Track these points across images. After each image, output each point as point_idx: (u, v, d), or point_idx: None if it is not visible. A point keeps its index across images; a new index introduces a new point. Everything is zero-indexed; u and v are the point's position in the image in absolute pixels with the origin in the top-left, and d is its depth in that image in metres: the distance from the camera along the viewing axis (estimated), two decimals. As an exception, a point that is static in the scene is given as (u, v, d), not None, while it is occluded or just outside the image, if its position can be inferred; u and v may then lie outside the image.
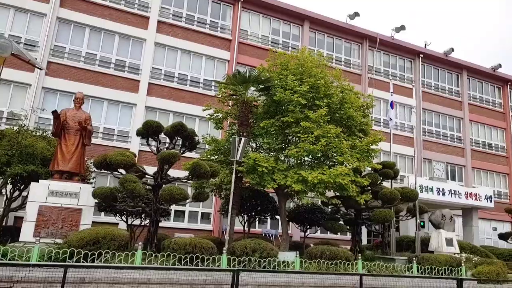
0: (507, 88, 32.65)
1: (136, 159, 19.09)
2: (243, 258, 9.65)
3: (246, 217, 16.78)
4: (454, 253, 15.36)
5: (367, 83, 27.00)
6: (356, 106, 13.75)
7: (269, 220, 22.51)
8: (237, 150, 10.92)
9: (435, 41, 68.33)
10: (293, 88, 12.80)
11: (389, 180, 15.23)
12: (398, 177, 25.41)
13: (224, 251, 9.31)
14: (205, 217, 21.07)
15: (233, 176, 11.15)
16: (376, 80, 27.26)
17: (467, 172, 29.16)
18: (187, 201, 11.30)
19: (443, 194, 21.65)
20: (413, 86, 28.48)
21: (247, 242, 10.24)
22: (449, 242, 15.52)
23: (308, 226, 18.00)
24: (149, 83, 20.97)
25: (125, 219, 12.98)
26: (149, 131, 12.16)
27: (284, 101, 12.88)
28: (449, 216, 15.90)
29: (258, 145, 14.51)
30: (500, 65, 31.53)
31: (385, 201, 13.56)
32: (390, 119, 15.66)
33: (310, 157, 12.89)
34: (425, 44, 29.51)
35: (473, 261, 14.72)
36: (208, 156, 14.25)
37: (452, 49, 29.72)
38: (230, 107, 14.84)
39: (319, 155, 12.75)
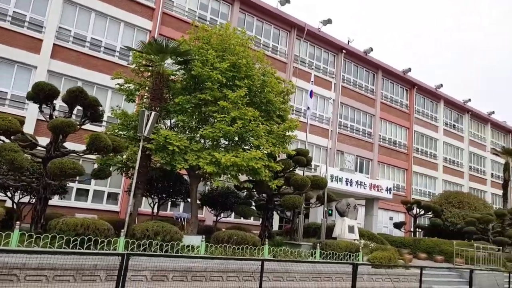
0: (414, 91, 35.45)
1: (33, 128, 17.18)
2: (144, 241, 8.97)
3: (156, 199, 15.96)
4: (355, 240, 16.19)
5: (292, 72, 27.31)
6: (276, 91, 13.60)
7: (182, 203, 21.84)
8: (146, 125, 10.08)
9: (359, 38, 71.85)
10: (213, 64, 12.21)
11: (302, 168, 15.45)
12: (312, 166, 26.30)
13: (122, 234, 8.54)
14: (113, 197, 19.69)
15: (139, 153, 10.31)
16: (301, 70, 27.67)
17: (373, 165, 31.22)
18: (82, 177, 10.19)
19: (351, 185, 22.81)
20: (333, 78, 29.53)
21: (149, 225, 9.55)
22: (351, 229, 16.32)
23: (220, 211, 17.75)
24: (54, 44, 18.71)
25: (10, 195, 11.43)
26: (40, 95, 10.57)
27: (203, 77, 12.24)
28: (353, 205, 16.70)
29: (174, 123, 13.70)
30: (410, 69, 34.05)
31: (296, 188, 13.71)
32: (308, 108, 15.84)
33: (227, 139, 12.46)
34: (348, 41, 30.66)
35: (370, 247, 15.64)
36: (116, 130, 13.11)
37: (371, 49, 31.30)
38: (144, 79, 13.75)
39: (236, 138, 12.37)
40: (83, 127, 11.70)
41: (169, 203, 21.14)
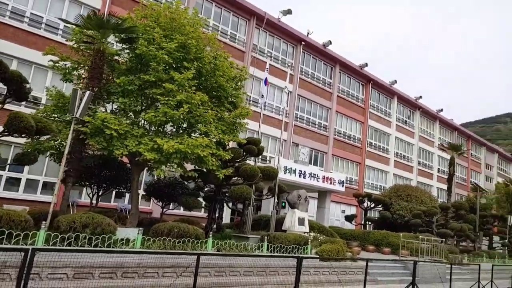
0: (369, 86, 36.02)
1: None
2: (69, 234, 8.08)
3: (95, 189, 14.86)
4: (304, 232, 15.99)
5: (250, 61, 26.69)
6: (228, 76, 12.92)
7: (128, 194, 20.76)
8: (78, 105, 9.09)
9: (318, 31, 72.21)
10: (160, 43, 11.34)
11: (253, 158, 14.96)
12: (267, 158, 25.94)
13: (42, 226, 7.61)
14: (49, 187, 18.23)
15: (69, 136, 9.32)
16: (259, 60, 27.10)
17: (327, 158, 31.42)
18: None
19: (304, 177, 22.69)
20: (291, 69, 29.24)
21: (76, 216, 8.64)
22: (301, 221, 16.09)
23: (167, 202, 16.92)
24: (-12, 18, 16.97)
25: None
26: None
27: (148, 57, 11.34)
28: (304, 196, 16.46)
29: (118, 107, 12.67)
30: (366, 64, 34.50)
31: (246, 178, 13.20)
32: (262, 96, 15.32)
33: (173, 125, 11.68)
34: (308, 33, 30.44)
35: (319, 240, 15.49)
36: (48, 113, 11.93)
37: (330, 42, 31.30)
38: (84, 58, 12.59)
39: (183, 124, 11.62)
40: (12, 109, 10.49)
41: (113, 194, 20.04)
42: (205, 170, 12.55)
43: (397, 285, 14.06)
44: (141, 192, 18.64)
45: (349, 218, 28.23)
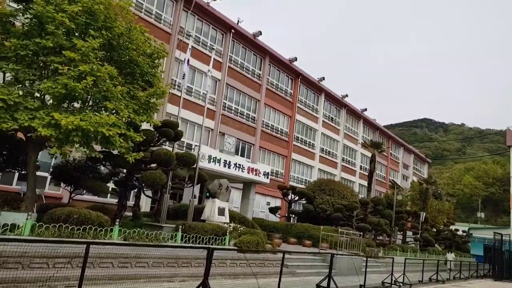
0: (298, 81, 36.42)
1: None
2: None
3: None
4: (224, 223, 15.34)
5: (176, 44, 25.39)
6: (143, 51, 11.74)
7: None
8: None
9: (249, 20, 71.97)
10: (59, 4, 9.87)
11: (171, 142, 13.92)
12: (193, 147, 24.86)
13: None
14: None
15: None
16: (186, 44, 25.82)
17: (254, 150, 31.14)
18: None
19: (229, 167, 22.05)
20: (217, 56, 28.36)
21: None
22: (221, 211, 15.41)
23: (76, 187, 15.26)
24: None
25: None
26: None
27: (46, 19, 9.82)
28: (225, 186, 15.79)
29: (12, 76, 10.89)
30: (296, 58, 34.75)
31: (160, 163, 12.16)
32: (184, 77, 14.29)
33: (76, 100, 10.26)
34: (238, 21, 29.78)
35: (239, 231, 14.92)
36: None
37: (260, 32, 30.94)
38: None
39: (86, 98, 10.27)
40: None
41: (16, 176, 17.81)
42: (114, 152, 11.29)
43: (315, 278, 13.95)
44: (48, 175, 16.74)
45: (273, 210, 28.21)
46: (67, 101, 10.25)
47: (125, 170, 12.73)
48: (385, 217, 29.66)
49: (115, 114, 10.42)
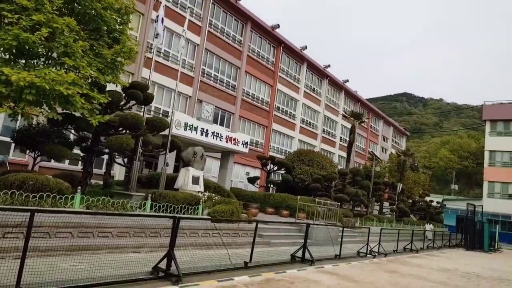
0: (280, 49, 35.36)
1: None
2: None
3: None
4: (198, 192, 14.79)
5: (153, 5, 23.94)
6: (108, 3, 10.66)
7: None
8: None
9: None
10: None
11: (140, 106, 13.05)
12: (169, 115, 23.92)
13: None
14: None
15: None
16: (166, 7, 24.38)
17: (234, 119, 30.39)
18: None
19: (206, 135, 21.34)
20: (196, 20, 27.02)
21: None
22: (195, 180, 14.81)
23: (40, 153, 14.31)
24: None
25: None
26: None
27: (-6, -39, 8.67)
28: (200, 153, 15.13)
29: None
30: (278, 25, 33.56)
31: (127, 127, 11.35)
32: (157, 35, 13.25)
33: (28, 52, 9.25)
34: (218, -17, 28.26)
35: (213, 200, 14.42)
36: None
37: (242, -4, 29.55)
38: None
39: (40, 52, 9.27)
40: None
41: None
42: (75, 114, 10.42)
43: (290, 248, 13.66)
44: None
45: (251, 180, 27.86)
46: (24, 57, 9.24)
47: (91, 135, 11.85)
48: (363, 188, 29.75)
49: (75, 72, 9.46)
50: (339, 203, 22.82)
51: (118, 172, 21.55)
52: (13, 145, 17.62)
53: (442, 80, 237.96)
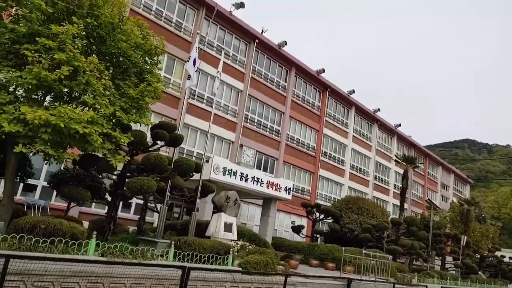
0: (326, 94, 34.60)
1: None
2: None
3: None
4: (232, 240, 13.71)
5: (198, 53, 24.48)
6: (134, 42, 10.57)
7: (40, 186, 17.93)
8: None
9: (273, 31, 71.32)
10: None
11: (170, 147, 12.56)
12: (212, 163, 23.53)
13: None
14: None
15: None
16: (207, 54, 24.99)
17: (278, 164, 29.44)
18: None
19: (246, 180, 20.49)
20: (239, 66, 27.25)
21: None
22: (228, 227, 13.80)
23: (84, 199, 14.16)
24: None
25: None
26: None
27: (24, 3, 8.89)
28: (234, 198, 14.21)
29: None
30: (323, 70, 33.09)
31: (150, 168, 10.80)
32: (189, 78, 13.02)
33: (49, 91, 9.18)
34: (262, 30, 28.67)
35: (247, 250, 13.24)
36: None
37: (286, 43, 29.68)
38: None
39: (61, 91, 9.15)
40: None
41: (21, 186, 17.08)
42: (97, 155, 10.08)
43: (331, 305, 11.96)
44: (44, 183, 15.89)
45: (296, 229, 26.20)
46: (40, 95, 9.18)
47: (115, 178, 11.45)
48: (420, 239, 26.89)
49: (96, 111, 9.20)
50: (391, 256, 20.44)
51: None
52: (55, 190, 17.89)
53: (509, 125, 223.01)
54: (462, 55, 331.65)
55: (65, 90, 9.16)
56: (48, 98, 9.52)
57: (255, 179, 21.04)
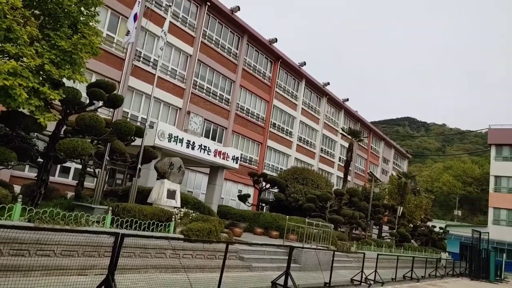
0: (278, 65, 34.32)
1: None
2: None
3: None
4: (174, 207, 13.31)
5: (143, 12, 22.97)
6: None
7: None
8: None
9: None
10: None
11: (109, 109, 11.71)
12: (156, 127, 22.58)
13: None
14: None
15: None
16: (155, 14, 23.49)
17: (227, 134, 29.07)
18: None
19: (193, 148, 19.93)
20: (188, 29, 26.06)
21: None
22: (171, 194, 13.35)
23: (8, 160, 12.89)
24: None
25: None
26: None
27: None
28: (178, 165, 13.71)
29: None
30: (276, 40, 32.62)
31: (84, 129, 9.97)
32: (128, 33, 12.02)
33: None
34: (214, -7, 27.42)
35: (190, 217, 12.93)
36: None
37: (239, 8, 28.71)
38: None
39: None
40: None
41: None
42: (23, 112, 9.09)
43: (274, 273, 12.05)
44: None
45: (242, 198, 26.28)
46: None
47: (48, 139, 10.48)
48: (361, 210, 28.11)
49: (18, 62, 8.18)
50: (333, 225, 21.15)
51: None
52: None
53: (445, 105, 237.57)
54: (411, 33, 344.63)
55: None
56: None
57: (202, 147, 20.55)
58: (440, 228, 44.94)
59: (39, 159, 12.37)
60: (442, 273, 26.05)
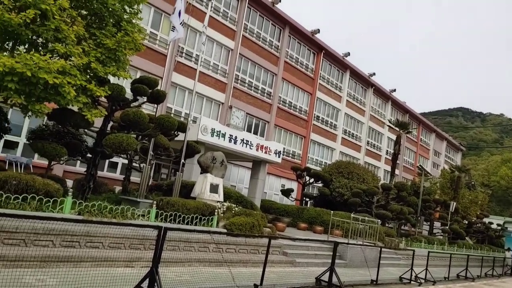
0: (321, 56, 33.59)
1: None
2: None
3: None
4: (218, 201, 13.39)
5: (185, 8, 23.23)
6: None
7: (22, 144, 17.31)
8: None
9: None
10: None
11: (152, 104, 11.93)
12: (199, 122, 22.94)
13: None
14: None
15: None
16: (197, 9, 23.74)
17: (269, 128, 28.93)
18: None
19: (235, 142, 20.01)
20: (229, 23, 26.09)
21: None
22: (214, 188, 13.43)
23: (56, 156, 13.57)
24: None
25: None
26: None
27: None
28: (220, 159, 13.76)
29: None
30: (318, 31, 31.92)
31: (128, 125, 10.22)
32: (173, 28, 12.11)
33: (13, 36, 8.39)
34: (255, -14, 27.25)
35: (233, 211, 12.94)
36: None
37: (280, 0, 28.34)
38: None
39: (30, 37, 8.38)
40: None
41: (2, 142, 16.43)
42: (72, 109, 9.45)
43: (318, 269, 11.81)
44: (25, 140, 15.26)
45: (285, 193, 26.09)
46: (11, 42, 8.41)
47: (95, 135, 10.86)
48: (410, 205, 26.98)
49: (67, 60, 8.48)
50: (380, 221, 20.43)
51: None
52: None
53: (503, 94, 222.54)
54: (460, 22, 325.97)
55: (33, 36, 8.37)
56: (21, 49, 8.77)
57: (244, 141, 20.57)
58: (498, 225, 42.23)
59: (88, 155, 12.91)
60: (500, 272, 24.47)
